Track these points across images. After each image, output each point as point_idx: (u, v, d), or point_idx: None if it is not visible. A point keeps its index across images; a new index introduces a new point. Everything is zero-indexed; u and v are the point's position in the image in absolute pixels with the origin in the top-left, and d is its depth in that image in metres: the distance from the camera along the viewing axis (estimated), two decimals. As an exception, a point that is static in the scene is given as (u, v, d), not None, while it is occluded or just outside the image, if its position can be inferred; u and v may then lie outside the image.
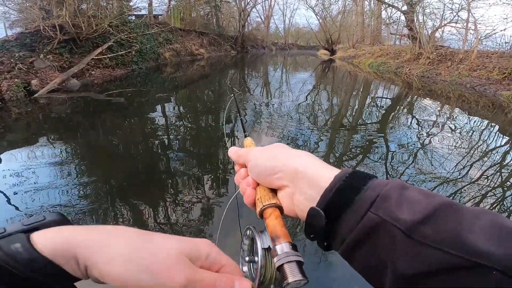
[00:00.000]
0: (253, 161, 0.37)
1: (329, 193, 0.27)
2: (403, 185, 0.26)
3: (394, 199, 0.24)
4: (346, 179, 0.27)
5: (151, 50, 11.21)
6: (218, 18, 22.45)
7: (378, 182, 0.26)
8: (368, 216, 0.24)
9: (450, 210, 0.23)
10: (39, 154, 3.02)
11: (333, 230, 0.27)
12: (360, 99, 7.33)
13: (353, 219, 0.25)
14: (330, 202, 0.27)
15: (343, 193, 0.27)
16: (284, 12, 40.48)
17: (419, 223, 0.22)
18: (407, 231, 0.22)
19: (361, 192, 0.26)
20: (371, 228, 0.24)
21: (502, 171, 3.04)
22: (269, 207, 0.33)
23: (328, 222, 0.27)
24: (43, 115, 4.74)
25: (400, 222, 0.23)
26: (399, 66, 12.43)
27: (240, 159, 0.40)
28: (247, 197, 0.36)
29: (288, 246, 0.27)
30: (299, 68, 15.43)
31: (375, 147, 3.63)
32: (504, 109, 6.18)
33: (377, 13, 18.19)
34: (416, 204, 0.24)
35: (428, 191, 0.25)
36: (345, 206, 0.26)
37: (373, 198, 0.25)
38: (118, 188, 2.49)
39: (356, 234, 0.25)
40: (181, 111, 5.33)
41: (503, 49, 9.78)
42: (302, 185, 0.31)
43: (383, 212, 0.24)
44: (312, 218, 0.28)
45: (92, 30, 8.12)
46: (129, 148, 3.41)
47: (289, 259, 0.26)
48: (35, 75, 6.18)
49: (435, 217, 0.22)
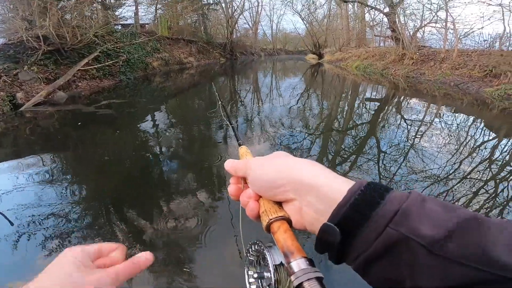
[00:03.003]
0: (254, 173, 0.35)
1: (342, 208, 0.26)
2: (423, 198, 0.25)
3: (415, 214, 0.24)
4: (361, 193, 0.26)
5: (139, 59, 11.13)
6: (206, 25, 22.56)
7: (396, 196, 0.25)
8: (387, 232, 0.24)
9: (474, 224, 0.22)
10: (28, 169, 2.93)
11: (348, 245, 0.26)
12: (350, 101, 7.44)
13: (370, 235, 0.25)
14: (344, 218, 0.26)
15: (358, 208, 0.25)
16: (271, 18, 41.16)
17: (442, 239, 0.22)
18: (430, 247, 0.22)
19: (378, 207, 0.25)
20: (391, 244, 0.23)
21: (492, 167, 3.12)
22: (276, 220, 0.31)
23: (341, 238, 0.26)
24: (30, 129, 4.61)
25: (423, 238, 0.22)
26: (385, 68, 12.72)
27: (239, 171, 0.38)
28: (251, 210, 0.35)
29: (305, 262, 0.26)
30: (288, 73, 15.58)
31: (367, 148, 3.68)
32: (488, 105, 6.39)
33: (361, 16, 18.63)
34: (438, 218, 0.23)
35: (448, 204, 0.25)
36: (361, 222, 0.25)
37: (392, 214, 0.24)
38: (111, 201, 2.42)
39: (373, 250, 0.24)
40: (171, 121, 5.28)
41: (482, 47, 10.16)
42: (310, 198, 0.30)
43: (405, 229, 0.23)
44: (325, 234, 0.27)
45: (77, 40, 8.02)
46: (120, 161, 3.34)
47: (308, 277, 0.25)
48: (20, 88, 6.04)
49: (459, 232, 0.22)
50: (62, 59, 7.76)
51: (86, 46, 8.46)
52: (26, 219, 2.10)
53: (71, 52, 8.07)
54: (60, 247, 1.83)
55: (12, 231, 1.98)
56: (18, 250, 1.82)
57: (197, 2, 19.97)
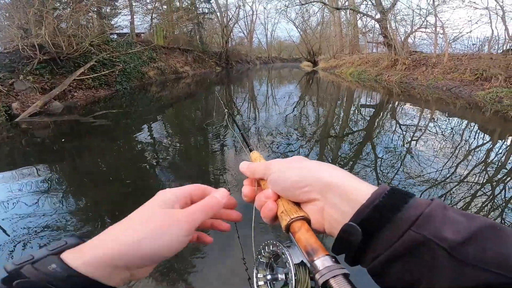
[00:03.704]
0: (276, 173, 0.36)
1: (366, 209, 0.27)
2: (444, 206, 0.26)
3: (437, 219, 0.24)
4: (386, 196, 0.27)
5: (135, 69, 11.15)
6: (202, 35, 22.76)
7: (419, 201, 0.26)
8: (409, 234, 0.24)
9: (493, 231, 0.23)
10: (23, 180, 2.89)
11: (367, 246, 0.27)
12: (345, 108, 7.52)
13: (391, 236, 0.25)
14: (367, 219, 0.26)
15: (381, 211, 0.26)
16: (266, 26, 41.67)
17: (463, 243, 0.23)
18: (451, 250, 0.23)
19: (401, 210, 0.26)
20: (412, 246, 0.24)
21: (488, 169, 3.16)
22: (297, 219, 0.32)
23: (362, 238, 0.26)
24: (26, 140, 4.57)
25: (444, 241, 0.23)
26: (378, 74, 12.92)
27: (257, 173, 0.39)
28: (268, 210, 0.35)
29: (329, 260, 0.26)
30: (284, 81, 15.72)
31: (364, 154, 3.70)
32: (481, 108, 6.51)
33: (353, 22, 18.99)
34: (459, 224, 0.24)
35: (467, 213, 0.26)
36: (383, 224, 0.26)
37: (415, 217, 0.25)
38: (107, 212, 2.39)
39: (393, 251, 0.25)
40: (168, 132, 5.26)
41: (471, 51, 10.41)
42: (334, 198, 0.30)
43: (428, 231, 0.24)
44: (346, 233, 0.27)
45: (73, 49, 8.01)
46: (117, 171, 3.31)
47: (333, 274, 0.25)
48: (16, 98, 5.99)
49: (479, 238, 0.23)
50: (57, 69, 7.73)
51: (82, 55, 8.44)
52: (22, 230, 2.06)
53: (67, 61, 8.04)
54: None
55: (7, 241, 1.95)
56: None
57: (192, 12, 20.22)
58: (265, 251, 0.34)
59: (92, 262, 0.27)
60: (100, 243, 0.29)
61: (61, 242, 0.30)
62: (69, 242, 0.30)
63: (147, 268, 0.32)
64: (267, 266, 0.34)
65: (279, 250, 0.31)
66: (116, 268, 0.28)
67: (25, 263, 0.26)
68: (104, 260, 0.27)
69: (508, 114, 5.86)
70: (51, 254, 0.27)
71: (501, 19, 9.10)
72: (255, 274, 0.34)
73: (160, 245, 0.29)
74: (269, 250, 0.33)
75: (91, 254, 0.27)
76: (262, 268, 0.34)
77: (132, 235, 0.29)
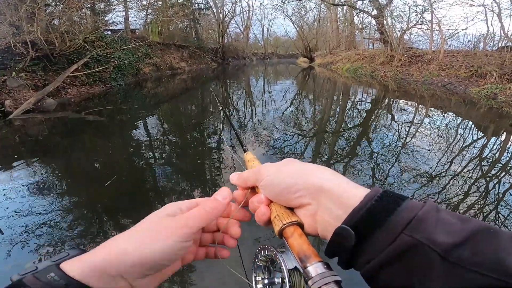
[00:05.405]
0: (268, 179, 0.35)
1: (358, 212, 0.27)
2: (438, 208, 0.26)
3: (430, 222, 0.24)
4: (378, 199, 0.27)
5: (130, 65, 11.03)
6: (197, 30, 22.56)
7: (411, 204, 0.26)
8: (401, 238, 0.24)
9: (487, 233, 0.23)
10: (18, 178, 2.85)
11: (360, 249, 0.27)
12: (341, 103, 7.53)
13: (384, 240, 0.25)
14: (360, 222, 0.26)
15: (374, 213, 0.26)
16: (262, 22, 41.47)
17: (457, 246, 0.22)
18: (444, 254, 0.22)
19: (394, 213, 0.25)
20: (404, 250, 0.24)
21: (482, 164, 3.20)
22: (290, 225, 0.31)
23: (355, 241, 0.26)
24: (20, 137, 4.51)
25: (437, 245, 0.23)
26: (374, 70, 12.96)
27: (249, 181, 0.38)
28: (262, 215, 0.35)
29: (322, 266, 0.26)
30: (280, 77, 15.69)
31: (360, 149, 3.72)
32: (475, 105, 6.57)
33: (350, 18, 18.98)
34: (452, 227, 0.24)
35: (461, 215, 0.26)
36: (376, 227, 0.26)
37: (407, 220, 0.25)
38: (104, 210, 2.38)
39: (386, 255, 0.25)
40: (164, 128, 5.23)
41: (467, 48, 10.47)
42: (326, 202, 0.30)
43: (419, 235, 0.24)
44: (339, 237, 0.27)
45: (66, 46, 7.89)
46: (112, 169, 3.29)
47: (326, 281, 0.25)
48: (8, 95, 5.90)
49: (473, 241, 0.23)
50: (51, 65, 7.62)
51: (75, 51, 8.32)
52: (17, 229, 2.04)
53: (60, 58, 7.92)
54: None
55: (2, 240, 1.93)
56: (10, 259, 1.77)
57: (188, 7, 19.98)
58: (261, 255, 0.33)
59: (89, 271, 0.27)
60: (97, 252, 0.29)
61: (63, 253, 0.31)
62: (71, 253, 0.31)
63: (151, 279, 0.32)
64: (265, 269, 0.34)
65: (274, 255, 0.31)
66: (111, 276, 0.28)
67: (28, 273, 0.28)
68: (98, 268, 0.28)
69: (503, 110, 5.93)
70: (53, 264, 0.29)
71: (497, 16, 9.14)
72: (254, 278, 0.34)
73: (150, 251, 0.29)
74: (265, 255, 0.33)
75: (88, 263, 0.28)
76: (260, 271, 0.34)
77: (121, 244, 0.30)
